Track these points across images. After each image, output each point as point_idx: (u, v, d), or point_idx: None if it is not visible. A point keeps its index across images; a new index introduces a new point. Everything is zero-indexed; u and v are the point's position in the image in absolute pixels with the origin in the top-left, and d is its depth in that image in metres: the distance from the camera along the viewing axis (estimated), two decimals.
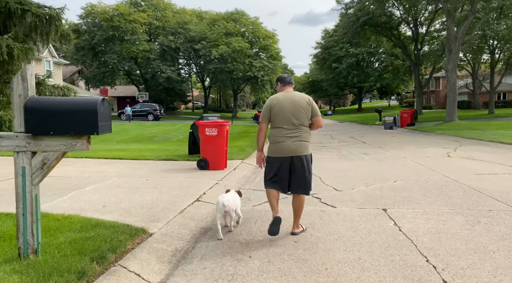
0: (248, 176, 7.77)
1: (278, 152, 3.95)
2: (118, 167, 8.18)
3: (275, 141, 3.97)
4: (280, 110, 3.93)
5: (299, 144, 3.91)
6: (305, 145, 3.96)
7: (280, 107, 3.93)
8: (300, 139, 3.93)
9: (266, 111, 4.02)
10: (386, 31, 35.54)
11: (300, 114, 3.92)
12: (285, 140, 3.90)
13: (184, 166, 8.46)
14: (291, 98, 3.96)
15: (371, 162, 9.45)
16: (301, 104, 3.93)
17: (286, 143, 3.90)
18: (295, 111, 3.91)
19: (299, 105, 3.92)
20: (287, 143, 3.90)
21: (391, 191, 6.03)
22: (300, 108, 3.92)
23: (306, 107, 3.95)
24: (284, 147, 3.90)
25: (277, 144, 3.95)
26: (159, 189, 5.94)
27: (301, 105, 3.93)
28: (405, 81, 56.96)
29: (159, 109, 39.31)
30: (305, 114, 3.95)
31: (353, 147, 13.25)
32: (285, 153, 3.91)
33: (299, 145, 3.92)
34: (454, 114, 22.75)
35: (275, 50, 47.70)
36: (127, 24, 41.20)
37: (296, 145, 3.90)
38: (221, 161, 7.99)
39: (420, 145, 13.44)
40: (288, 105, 3.92)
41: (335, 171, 8.17)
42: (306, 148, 3.98)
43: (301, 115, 3.92)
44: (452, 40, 21.79)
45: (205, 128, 7.88)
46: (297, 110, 3.91)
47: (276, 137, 3.97)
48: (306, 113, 3.95)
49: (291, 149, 3.90)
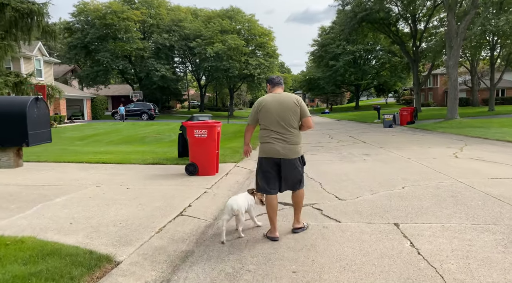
0: (242, 181, 7.09)
1: (267, 152, 3.93)
2: (98, 173, 7.47)
3: (264, 141, 3.96)
4: (267, 113, 3.89)
5: (287, 148, 3.86)
6: (293, 148, 3.89)
7: (267, 110, 3.89)
8: (289, 143, 3.87)
9: (253, 113, 4.01)
10: (384, 27, 34.90)
11: (287, 116, 3.85)
12: (273, 141, 3.87)
13: (171, 171, 7.76)
14: (278, 100, 3.90)
15: (374, 165, 8.79)
16: (288, 105, 3.86)
17: (274, 145, 3.87)
18: (282, 114, 3.85)
19: (286, 106, 3.86)
20: (275, 145, 3.87)
21: (401, 200, 5.37)
22: (287, 110, 3.85)
23: (293, 109, 3.87)
24: (272, 148, 3.88)
25: (265, 144, 3.94)
26: (138, 200, 5.24)
27: (288, 107, 3.86)
28: (402, 79, 56.42)
29: (153, 108, 38.55)
30: (293, 116, 3.87)
31: (353, 147, 12.60)
32: (273, 155, 3.88)
33: (288, 148, 3.86)
34: (455, 112, 22.14)
35: (271, 48, 46.99)
36: (120, 22, 40.35)
37: (284, 149, 3.86)
38: (211, 165, 7.30)
39: (424, 145, 12.80)
40: (274, 108, 3.87)
41: (336, 175, 7.50)
42: (295, 152, 3.91)
43: (289, 117, 3.85)
44: (453, 35, 21.16)
45: (193, 129, 7.19)
46: (284, 112, 3.85)
47: (264, 138, 3.95)
48: (294, 115, 3.88)
49: (279, 152, 3.86)
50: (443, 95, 55.30)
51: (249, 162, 9.57)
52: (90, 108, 38.28)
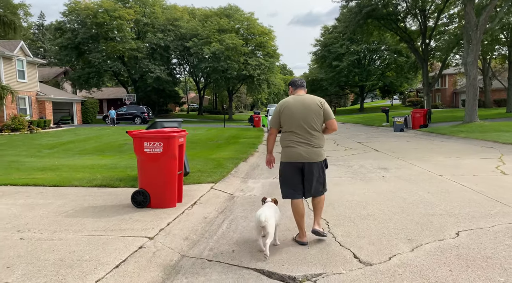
0: (212, 218, 4.85)
1: (289, 157, 3.81)
2: (9, 204, 5.27)
3: (286, 145, 3.83)
4: (290, 115, 3.77)
5: (311, 151, 3.74)
6: (317, 151, 3.78)
7: (290, 112, 3.78)
8: (312, 146, 3.76)
9: (276, 116, 3.87)
10: (391, 24, 32.59)
11: (311, 118, 3.74)
12: (295, 145, 3.76)
13: (118, 199, 5.55)
14: (302, 102, 3.79)
15: (398, 185, 6.55)
16: (311, 107, 3.75)
17: (296, 149, 3.75)
18: (306, 116, 3.74)
19: (310, 109, 3.74)
20: (297, 149, 3.75)
21: (467, 266, 3.13)
22: (310, 112, 3.74)
23: (317, 111, 3.75)
24: (294, 152, 3.76)
25: (288, 148, 3.81)
26: (11, 270, 3.03)
27: (312, 109, 3.74)
28: (409, 79, 54.02)
29: (147, 111, 36.40)
30: (316, 118, 3.75)
31: (364, 158, 10.36)
32: (296, 159, 3.76)
33: (311, 152, 3.75)
34: (474, 114, 19.82)
35: (271, 47, 44.74)
36: (112, 21, 38.29)
37: (308, 153, 3.74)
38: (170, 193, 5.08)
39: (450, 154, 10.55)
40: (298, 110, 3.76)
41: (350, 205, 5.27)
42: (319, 155, 3.79)
43: (312, 120, 3.74)
44: (473, 28, 18.88)
45: (142, 142, 4.97)
46: (307, 114, 3.74)
47: (286, 142, 3.83)
48: (318, 117, 3.76)
49: (302, 156, 3.74)
50: (451, 96, 52.98)
51: (232, 180, 7.35)
52: (80, 112, 36.21)
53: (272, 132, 3.93)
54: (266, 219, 3.48)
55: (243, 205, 5.48)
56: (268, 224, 3.46)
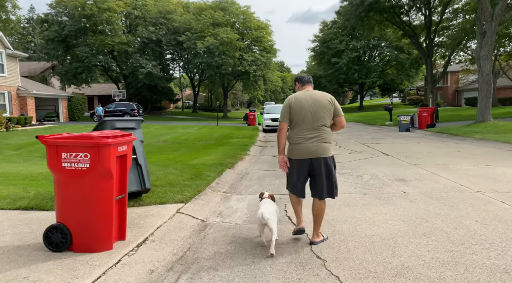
0: (159, 276, 3.13)
1: (297, 154, 3.69)
2: None
3: (294, 142, 3.72)
4: (300, 109, 3.65)
5: (318, 145, 3.64)
6: (325, 146, 3.67)
7: (300, 106, 3.65)
8: (320, 140, 3.64)
9: (286, 110, 3.72)
10: (394, 17, 30.92)
11: (321, 113, 3.64)
12: (303, 141, 3.65)
13: (34, 232, 3.84)
14: (312, 97, 3.70)
15: (429, 208, 4.88)
16: (322, 103, 3.66)
17: (304, 144, 3.65)
18: (316, 110, 3.63)
19: (321, 104, 3.65)
20: (306, 144, 3.64)
21: None
22: (321, 107, 3.64)
23: (328, 106, 3.66)
24: (303, 148, 3.65)
25: (295, 145, 3.70)
26: None
27: (322, 104, 3.65)
28: (410, 77, 52.36)
29: (137, 108, 34.56)
30: (327, 114, 3.66)
31: (374, 164, 8.69)
32: (304, 155, 3.66)
33: (319, 146, 3.64)
34: (487, 113, 18.18)
35: (268, 42, 42.96)
36: (101, 13, 36.35)
37: (315, 147, 3.63)
38: (102, 229, 3.37)
39: (475, 160, 8.89)
40: (308, 104, 3.65)
41: (372, 247, 3.59)
42: (327, 150, 3.68)
43: (323, 115, 3.64)
44: (487, 19, 17.21)
45: (59, 152, 3.28)
46: (318, 109, 3.64)
47: (295, 138, 3.71)
48: (328, 113, 3.66)
49: (310, 151, 3.64)
50: (453, 94, 51.45)
51: (210, 197, 5.67)
52: (66, 109, 34.37)
53: (283, 127, 3.74)
54: (269, 216, 3.45)
55: (216, 243, 3.80)
56: (270, 221, 3.44)
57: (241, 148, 12.08)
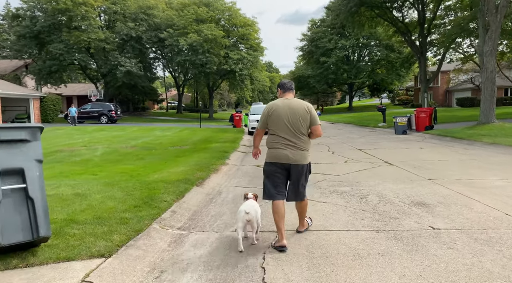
0: None
1: (275, 157, 3.80)
2: None
3: (272, 146, 3.84)
4: (277, 118, 3.78)
5: (298, 153, 3.75)
6: (303, 154, 3.78)
7: (277, 115, 3.78)
8: (299, 149, 3.76)
9: (264, 118, 3.88)
10: (386, 13, 29.45)
11: (297, 122, 3.76)
12: (281, 147, 3.76)
13: None
14: (289, 106, 3.80)
15: (480, 260, 3.14)
16: (299, 112, 3.77)
17: (284, 150, 3.75)
18: (293, 120, 3.75)
19: (297, 113, 3.77)
20: (285, 151, 3.74)
21: None
22: (297, 116, 3.76)
23: (304, 116, 3.78)
24: (281, 153, 3.75)
25: (274, 150, 3.81)
26: None
27: (299, 113, 3.77)
28: (401, 76, 51.16)
29: (114, 109, 32.39)
30: (303, 123, 3.77)
31: (378, 177, 6.95)
32: (282, 160, 3.76)
33: (298, 154, 3.75)
34: (492, 114, 16.70)
35: (255, 40, 41.17)
36: (76, 7, 34.05)
37: (294, 155, 3.74)
38: None
39: (504, 173, 7.24)
40: (285, 113, 3.77)
41: None
42: (304, 157, 3.79)
43: (299, 124, 3.76)
44: (491, 11, 15.71)
45: None
46: (294, 118, 3.76)
47: (272, 143, 3.83)
48: (304, 122, 3.78)
49: (288, 157, 3.74)
50: (444, 95, 50.48)
51: (154, 240, 3.83)
52: (39, 110, 32.00)
53: (259, 133, 4.00)
54: (251, 211, 3.59)
55: None
56: (253, 217, 3.59)
57: (220, 155, 10.25)
